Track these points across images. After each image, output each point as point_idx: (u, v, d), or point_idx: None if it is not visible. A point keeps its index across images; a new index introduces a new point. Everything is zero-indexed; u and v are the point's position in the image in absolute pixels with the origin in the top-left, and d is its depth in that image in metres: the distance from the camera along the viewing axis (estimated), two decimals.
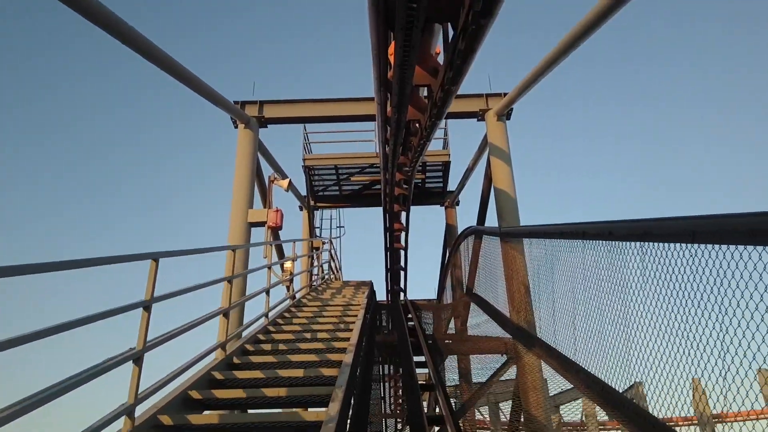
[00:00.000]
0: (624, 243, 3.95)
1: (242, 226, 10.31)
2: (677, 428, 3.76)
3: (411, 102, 7.36)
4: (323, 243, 18.02)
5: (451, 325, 12.55)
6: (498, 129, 11.43)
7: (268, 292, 7.43)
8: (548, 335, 6.35)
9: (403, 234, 16.70)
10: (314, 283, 13.96)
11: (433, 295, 22.38)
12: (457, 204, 19.37)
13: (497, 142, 11.26)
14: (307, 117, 12.01)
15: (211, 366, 5.11)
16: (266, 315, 7.33)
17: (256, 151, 11.27)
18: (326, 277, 15.57)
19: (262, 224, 10.21)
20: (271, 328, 7.17)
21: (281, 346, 6.13)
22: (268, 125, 11.88)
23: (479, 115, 11.93)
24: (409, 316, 12.45)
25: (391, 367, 17.05)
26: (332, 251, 18.37)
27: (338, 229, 20.47)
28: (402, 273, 19.53)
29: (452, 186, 18.41)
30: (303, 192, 17.76)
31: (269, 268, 7.65)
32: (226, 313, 5.55)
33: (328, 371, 5.00)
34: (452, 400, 9.08)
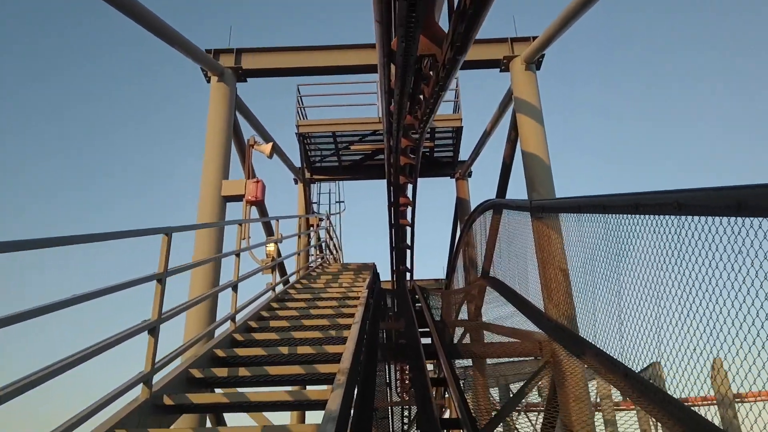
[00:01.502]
0: None
1: (215, 201, 8.41)
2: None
3: (423, 28, 5.39)
4: (320, 220, 16.26)
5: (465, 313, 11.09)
6: (526, 80, 9.37)
7: (235, 288, 5.56)
8: (609, 341, 4.65)
9: (409, 209, 14.84)
10: (311, 264, 12.19)
11: (441, 274, 20.95)
12: (470, 175, 17.47)
13: (526, 96, 9.22)
14: (295, 68, 9.96)
15: (122, 417, 3.26)
16: (233, 318, 5.47)
17: (232, 110, 9.27)
18: (323, 258, 13.76)
19: (239, 198, 8.30)
20: (239, 338, 5.30)
21: (242, 372, 4.26)
22: (248, 78, 9.84)
23: (503, 65, 9.86)
24: (418, 305, 10.64)
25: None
26: (330, 229, 16.56)
27: (337, 204, 18.66)
28: (408, 251, 17.68)
29: (464, 155, 16.52)
30: (297, 163, 15.86)
31: (238, 255, 5.76)
32: (153, 329, 3.68)
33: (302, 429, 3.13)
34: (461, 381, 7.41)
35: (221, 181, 8.44)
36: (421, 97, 8.43)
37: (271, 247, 8.11)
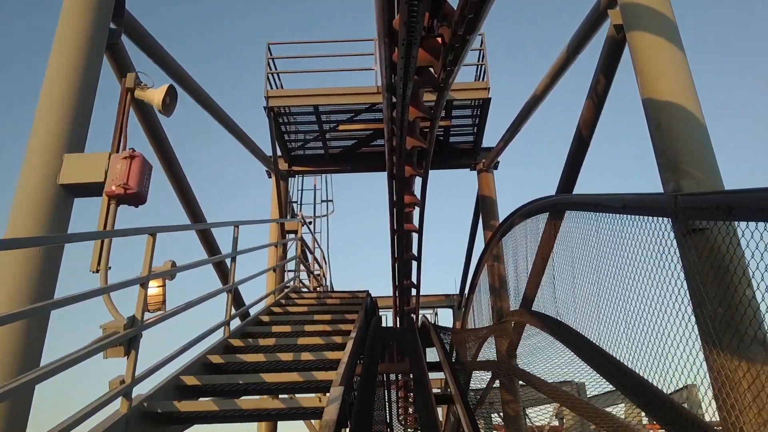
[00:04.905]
0: None
1: (49, 193, 4.17)
2: None
3: None
4: (302, 225, 12.20)
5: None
6: None
7: None
8: None
9: (417, 210, 10.71)
10: (288, 284, 8.05)
11: (450, 287, 17.16)
12: (495, 167, 13.32)
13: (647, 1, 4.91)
14: None
15: None
16: None
17: (102, 27, 4.92)
18: (294, 284, 9.54)
19: (94, 189, 4.12)
20: None
21: None
22: None
23: None
24: (442, 376, 6.44)
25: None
26: (312, 239, 12.45)
27: (324, 204, 14.63)
28: (414, 263, 13.54)
29: (489, 141, 12.34)
30: (268, 149, 11.76)
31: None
32: None
33: None
34: None
35: (62, 156, 4.20)
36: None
37: (154, 290, 3.89)
